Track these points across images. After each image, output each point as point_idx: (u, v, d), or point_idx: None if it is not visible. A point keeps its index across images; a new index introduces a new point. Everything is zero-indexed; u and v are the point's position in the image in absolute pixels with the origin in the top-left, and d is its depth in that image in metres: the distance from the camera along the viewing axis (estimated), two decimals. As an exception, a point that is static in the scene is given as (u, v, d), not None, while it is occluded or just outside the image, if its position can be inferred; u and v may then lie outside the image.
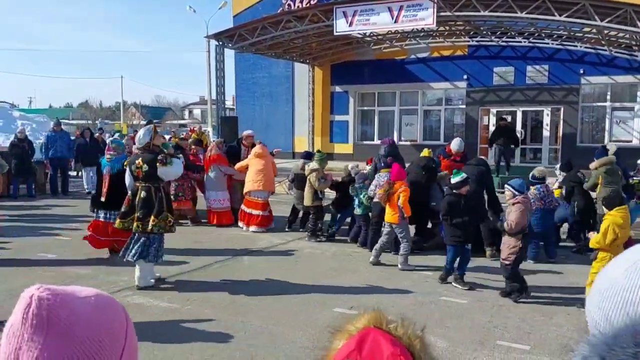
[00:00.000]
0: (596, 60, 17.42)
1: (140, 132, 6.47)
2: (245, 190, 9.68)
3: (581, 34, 16.52)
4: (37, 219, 10.56)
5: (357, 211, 8.41)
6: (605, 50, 16.64)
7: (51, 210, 11.73)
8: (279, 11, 19.30)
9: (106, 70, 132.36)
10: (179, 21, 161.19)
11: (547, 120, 18.57)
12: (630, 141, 17.31)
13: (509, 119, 18.89)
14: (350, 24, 15.03)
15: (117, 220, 6.46)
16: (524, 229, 5.95)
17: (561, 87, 17.95)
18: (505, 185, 6.36)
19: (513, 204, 6.01)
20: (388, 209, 7.23)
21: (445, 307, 5.70)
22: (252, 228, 9.53)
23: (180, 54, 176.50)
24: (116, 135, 21.35)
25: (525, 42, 17.81)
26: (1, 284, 6.32)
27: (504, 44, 18.23)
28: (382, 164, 8.46)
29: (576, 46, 17.34)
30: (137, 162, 6.19)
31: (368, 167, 9.30)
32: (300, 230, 9.45)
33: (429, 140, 20.20)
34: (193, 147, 10.93)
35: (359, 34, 17.67)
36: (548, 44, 17.61)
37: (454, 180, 6.56)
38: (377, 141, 20.89)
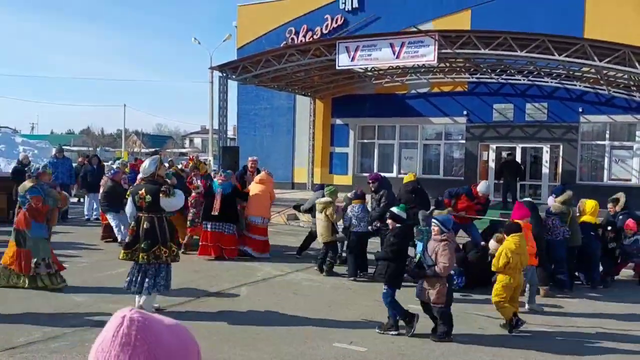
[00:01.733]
0: (595, 99, 17.66)
1: (146, 162, 6.48)
2: (245, 214, 10.11)
3: (580, 74, 16.79)
4: (35, 245, 10.47)
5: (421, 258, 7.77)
6: (604, 90, 16.89)
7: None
8: (282, 45, 19.67)
9: (109, 98, 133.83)
10: (183, 52, 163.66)
11: (546, 157, 18.69)
12: (630, 180, 17.38)
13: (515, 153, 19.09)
14: (353, 59, 15.28)
15: (122, 252, 6.45)
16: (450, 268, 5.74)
17: (560, 125, 18.14)
18: (432, 220, 6.01)
19: (441, 240, 5.66)
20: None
21: (445, 343, 5.62)
22: (246, 248, 9.77)
23: (183, 84, 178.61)
24: (117, 162, 21.42)
25: (524, 80, 18.09)
26: (-3, 310, 6.24)
27: (503, 81, 18.51)
28: (376, 203, 8.97)
29: (575, 85, 17.60)
30: (140, 192, 6.19)
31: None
32: (313, 262, 9.32)
33: (428, 174, 20.27)
34: (192, 172, 11.14)
35: (360, 68, 17.95)
36: (547, 82, 17.88)
37: (398, 213, 6.18)
38: (377, 174, 21.02)
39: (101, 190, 11.11)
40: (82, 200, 15.39)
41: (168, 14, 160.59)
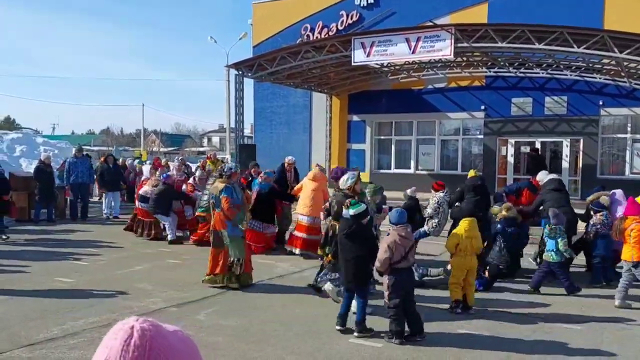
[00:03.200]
0: (616, 92, 17.31)
1: (347, 176, 7.01)
2: (296, 211, 10.14)
3: (600, 66, 16.47)
4: (56, 244, 10.68)
5: (553, 257, 7.42)
6: (625, 82, 16.54)
7: (70, 235, 11.86)
8: (298, 42, 19.66)
9: (128, 98, 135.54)
10: (200, 51, 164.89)
11: (566, 151, 18.40)
12: (652, 173, 17.03)
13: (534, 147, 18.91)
14: (368, 55, 15.20)
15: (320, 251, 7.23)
16: (393, 264, 5.44)
17: (580, 119, 17.83)
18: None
19: (389, 234, 5.60)
20: (625, 247, 6.87)
21: (461, 338, 5.57)
22: (296, 250, 9.56)
23: (200, 83, 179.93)
24: (136, 161, 21.68)
25: (543, 73, 17.81)
26: (17, 307, 6.37)
27: (521, 75, 18.24)
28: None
29: (595, 77, 17.28)
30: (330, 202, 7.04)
31: (439, 194, 9.19)
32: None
33: (446, 170, 20.12)
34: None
35: (376, 64, 17.85)
36: (567, 75, 17.58)
37: (354, 211, 5.65)
38: (394, 170, 20.95)
39: (151, 192, 11.18)
40: (101, 198, 15.59)
41: (184, 14, 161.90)
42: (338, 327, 5.66)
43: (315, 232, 9.62)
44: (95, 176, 14.71)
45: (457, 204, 8.87)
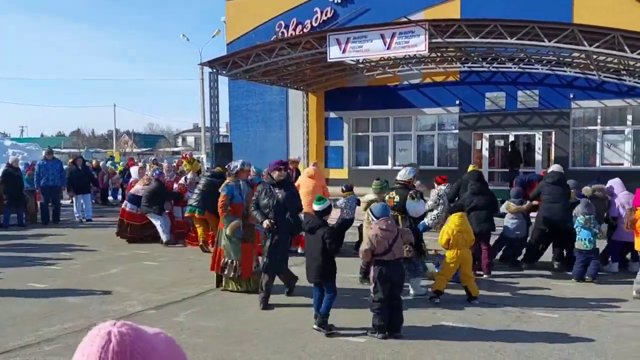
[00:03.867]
0: (586, 84, 17.67)
1: (406, 170, 7.32)
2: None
3: (570, 59, 16.78)
4: (28, 249, 10.39)
5: (587, 246, 7.61)
6: (595, 75, 16.89)
7: (42, 239, 11.56)
8: (272, 39, 19.53)
9: (98, 99, 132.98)
10: (173, 50, 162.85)
11: (539, 144, 18.71)
12: (622, 164, 17.44)
13: (503, 142, 19.22)
14: (344, 51, 15.18)
15: None
16: (377, 256, 5.44)
17: (552, 112, 18.15)
18: (368, 212, 6.04)
19: (371, 229, 5.69)
20: (637, 238, 6.96)
21: (443, 330, 5.59)
22: (299, 249, 9.30)
23: (173, 82, 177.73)
24: (109, 163, 21.29)
25: (515, 67, 18.06)
26: (-10, 315, 6.16)
27: (494, 69, 18.46)
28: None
29: (566, 71, 17.59)
30: (391, 193, 7.08)
31: (441, 187, 9.15)
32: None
33: (423, 165, 20.24)
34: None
35: (352, 60, 17.86)
36: (538, 69, 17.86)
37: (319, 207, 5.74)
38: (372, 166, 21.01)
39: (143, 190, 10.93)
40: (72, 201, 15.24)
41: (155, 12, 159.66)
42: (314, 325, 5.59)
43: None
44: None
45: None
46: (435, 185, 9.28)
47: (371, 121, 21.35)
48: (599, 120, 17.96)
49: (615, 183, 8.72)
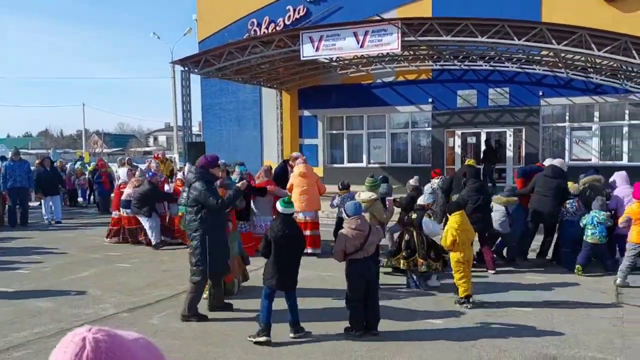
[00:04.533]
0: (554, 82, 18.04)
1: (424, 196, 7.62)
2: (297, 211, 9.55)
3: (539, 57, 17.11)
4: (-6, 252, 10.07)
5: (602, 240, 7.83)
6: (563, 72, 17.26)
7: (10, 242, 11.21)
8: (245, 37, 19.39)
9: (67, 98, 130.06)
10: (144, 48, 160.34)
11: (510, 140, 19.04)
12: (590, 159, 17.87)
13: (474, 139, 19.48)
14: (317, 49, 15.16)
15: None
16: (350, 254, 5.42)
17: (522, 109, 18.48)
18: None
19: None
20: (633, 228, 7.09)
21: (420, 328, 5.63)
22: (310, 250, 9.04)
23: (144, 81, 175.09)
24: (78, 164, 20.82)
25: (486, 65, 18.32)
26: (-46, 322, 5.94)
27: (466, 67, 18.71)
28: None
29: (535, 69, 17.93)
30: (411, 213, 7.23)
31: (434, 180, 9.14)
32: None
33: (397, 162, 20.43)
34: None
35: (325, 58, 17.85)
36: (508, 67, 18.16)
37: (283, 209, 5.46)
38: (347, 164, 21.06)
39: (133, 191, 10.63)
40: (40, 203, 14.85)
41: (125, 10, 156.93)
42: (291, 335, 5.36)
43: (316, 227, 9.44)
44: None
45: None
46: (432, 179, 9.36)
47: (345, 119, 21.40)
48: (567, 117, 18.37)
49: (619, 176, 8.69)
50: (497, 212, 8.46)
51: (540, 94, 18.21)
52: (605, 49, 12.70)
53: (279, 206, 5.51)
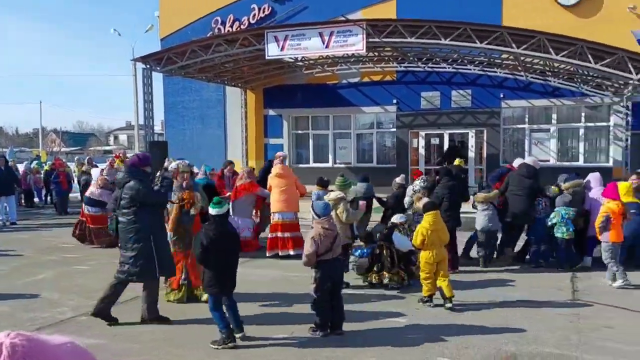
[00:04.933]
0: (514, 85, 18.51)
1: (399, 216, 7.71)
2: (272, 211, 9.33)
3: (500, 61, 17.51)
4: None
5: (572, 235, 8.08)
6: (522, 76, 17.73)
7: (-40, 244, 10.74)
8: (209, 35, 19.14)
9: (23, 95, 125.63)
10: (103, 44, 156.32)
11: (472, 142, 19.41)
12: (548, 160, 18.40)
13: (438, 139, 19.79)
14: (282, 49, 15.09)
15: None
16: (320, 255, 5.38)
17: (484, 111, 18.88)
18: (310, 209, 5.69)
19: (313, 227, 5.54)
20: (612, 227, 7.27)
21: (383, 325, 5.67)
22: (292, 252, 8.89)
23: (105, 78, 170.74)
24: (34, 163, 20.10)
25: (449, 68, 18.63)
26: None
27: (430, 69, 18.97)
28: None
29: (496, 72, 18.34)
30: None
31: (416, 182, 9.11)
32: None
33: (362, 163, 20.54)
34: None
35: (290, 58, 17.79)
36: (470, 69, 18.52)
37: (214, 211, 5.23)
38: (313, 164, 21.04)
39: (101, 194, 10.25)
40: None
41: (86, 5, 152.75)
42: (239, 336, 5.24)
43: (296, 228, 9.26)
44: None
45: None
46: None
47: (311, 119, 21.40)
48: (526, 119, 18.87)
49: (593, 178, 8.85)
50: (484, 211, 8.48)
51: (501, 96, 18.64)
52: (563, 53, 13.10)
53: (210, 209, 5.26)
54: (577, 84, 17.45)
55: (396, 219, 7.92)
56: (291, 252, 8.92)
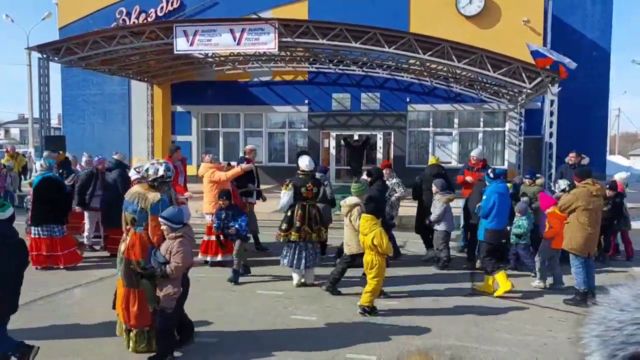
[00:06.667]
0: (420, 90, 19.34)
1: (307, 159, 7.56)
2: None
3: (407, 66, 18.22)
4: None
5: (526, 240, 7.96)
6: (427, 81, 18.58)
7: None
8: (112, 26, 18.15)
9: None
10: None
11: (380, 143, 20.03)
12: (450, 162, 19.40)
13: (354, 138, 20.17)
14: (192, 44, 14.65)
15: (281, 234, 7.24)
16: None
17: (391, 114, 19.55)
18: (159, 218, 4.66)
19: (175, 238, 4.63)
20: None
21: (296, 324, 5.64)
22: (219, 257, 8.30)
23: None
24: None
25: (359, 70, 19.09)
26: None
27: (340, 71, 19.33)
28: None
29: (403, 76, 19.06)
30: (308, 185, 7.26)
31: (392, 179, 8.95)
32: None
33: (274, 162, 20.49)
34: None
35: (200, 54, 17.33)
36: (379, 73, 19.09)
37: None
38: (223, 162, 20.54)
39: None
40: None
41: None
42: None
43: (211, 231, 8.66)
44: None
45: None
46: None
47: (221, 116, 20.99)
48: (430, 123, 19.79)
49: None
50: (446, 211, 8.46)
51: (408, 100, 19.40)
52: (464, 61, 13.86)
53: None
54: (477, 90, 18.59)
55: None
56: (218, 258, 8.39)
